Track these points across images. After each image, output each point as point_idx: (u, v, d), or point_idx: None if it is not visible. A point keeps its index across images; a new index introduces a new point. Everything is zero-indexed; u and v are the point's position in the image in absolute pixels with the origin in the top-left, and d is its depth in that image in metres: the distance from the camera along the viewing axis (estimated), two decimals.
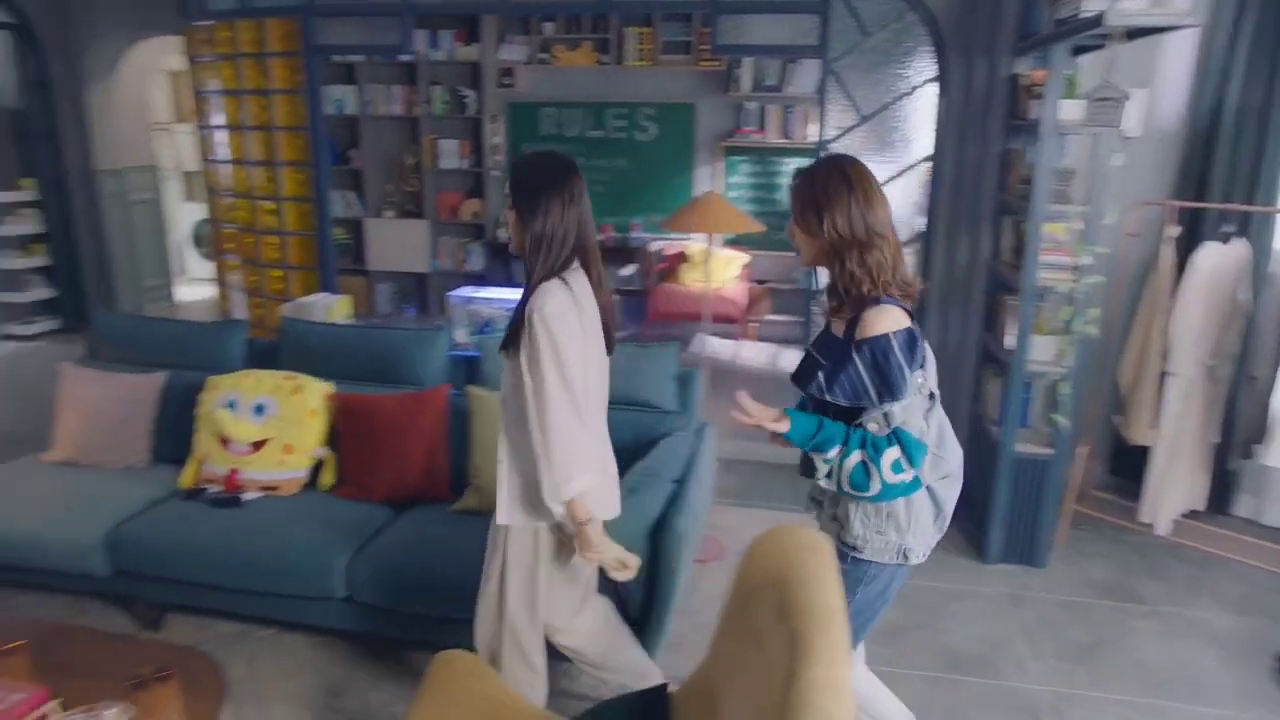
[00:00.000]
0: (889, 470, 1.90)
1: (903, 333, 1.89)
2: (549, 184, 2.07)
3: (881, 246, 1.92)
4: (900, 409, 1.89)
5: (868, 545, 2.02)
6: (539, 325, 2.01)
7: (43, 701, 1.97)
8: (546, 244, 2.07)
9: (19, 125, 7.08)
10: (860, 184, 1.93)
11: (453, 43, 6.87)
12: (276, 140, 5.19)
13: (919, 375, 1.91)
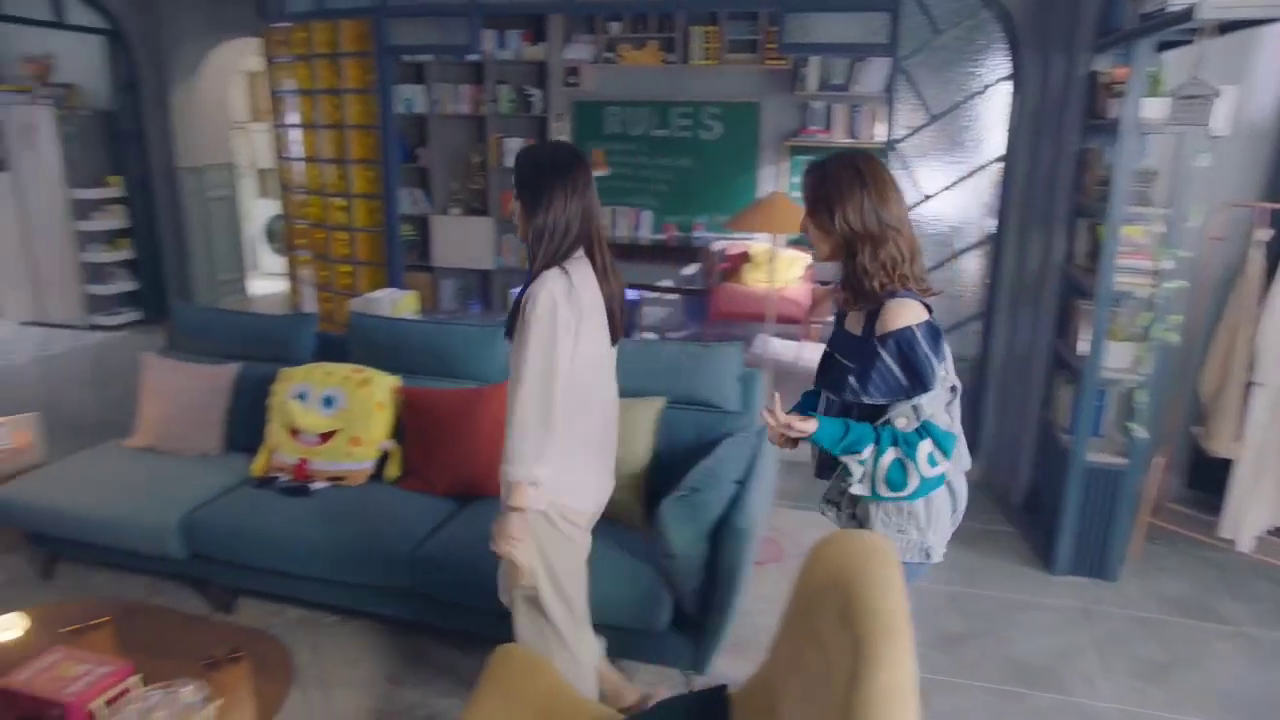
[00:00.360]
0: (925, 464, 1.88)
1: (924, 325, 1.87)
2: (552, 175, 2.10)
3: (895, 240, 1.91)
4: (929, 401, 1.88)
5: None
6: (530, 314, 2.05)
7: (126, 676, 2.04)
8: (549, 234, 2.11)
9: (110, 125, 7.40)
10: (872, 178, 1.91)
11: (519, 42, 6.94)
12: (348, 138, 5.31)
13: (943, 368, 1.90)
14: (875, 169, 1.94)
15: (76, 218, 7.27)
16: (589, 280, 2.15)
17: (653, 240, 7.14)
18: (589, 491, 2.29)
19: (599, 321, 2.19)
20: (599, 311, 2.18)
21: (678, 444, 3.10)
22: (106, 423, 4.70)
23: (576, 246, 2.15)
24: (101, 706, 1.97)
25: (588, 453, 2.26)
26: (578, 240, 2.14)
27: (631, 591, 2.64)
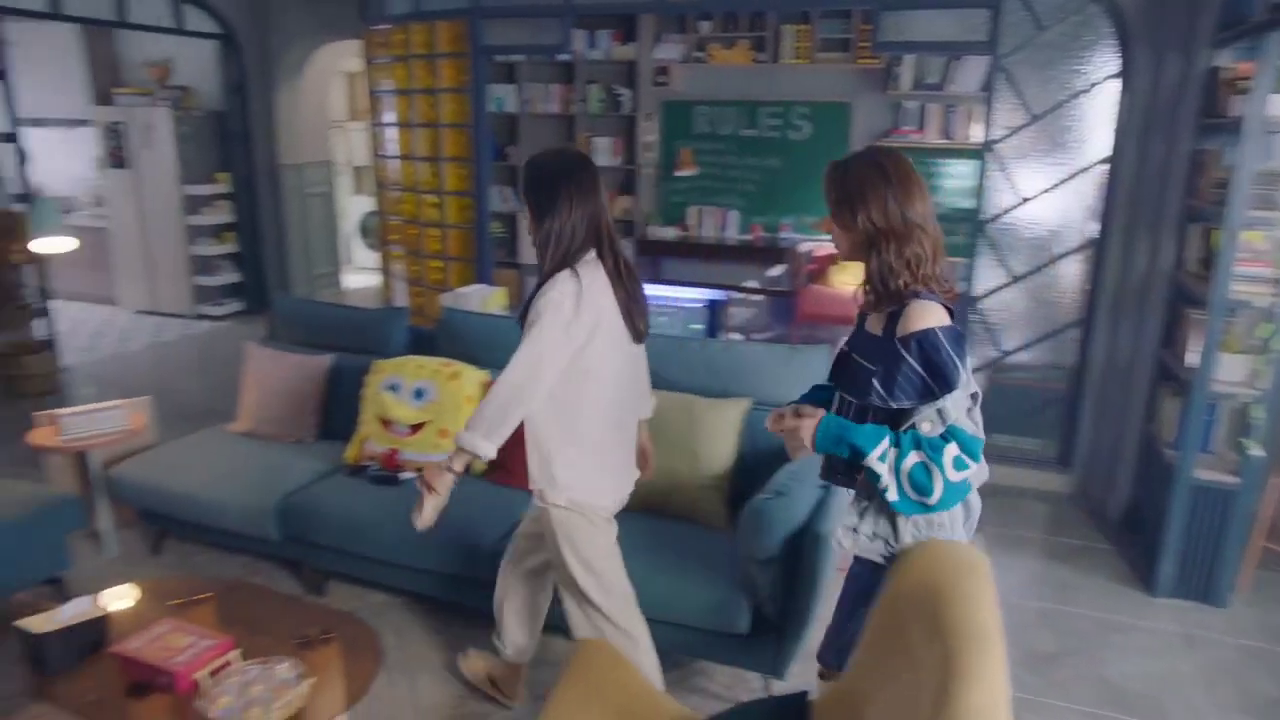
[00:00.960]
0: (951, 468, 1.78)
1: (948, 328, 1.81)
2: (558, 181, 2.14)
3: (920, 239, 1.84)
4: (953, 405, 1.81)
5: None
6: (535, 313, 2.12)
7: (228, 650, 2.14)
8: (556, 238, 2.15)
9: (220, 125, 7.76)
10: (897, 175, 1.85)
11: (610, 42, 6.98)
12: (442, 137, 5.43)
13: (964, 372, 1.82)
14: (899, 166, 1.88)
15: (187, 213, 7.64)
16: (600, 282, 2.18)
17: (739, 241, 7.09)
18: (606, 489, 2.34)
19: (613, 322, 2.22)
20: (611, 311, 2.20)
21: (762, 446, 3.07)
22: (211, 408, 4.93)
23: (586, 249, 2.18)
24: (205, 677, 2.06)
25: (605, 453, 2.31)
26: (586, 243, 2.18)
27: (711, 593, 2.63)
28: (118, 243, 8.00)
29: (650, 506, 3.06)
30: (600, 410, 2.26)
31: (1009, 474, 4.45)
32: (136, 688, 2.11)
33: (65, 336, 6.60)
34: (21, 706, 2.69)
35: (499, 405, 2.14)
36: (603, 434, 2.29)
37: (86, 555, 3.54)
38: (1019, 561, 3.71)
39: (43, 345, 5.94)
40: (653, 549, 2.83)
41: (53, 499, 3.21)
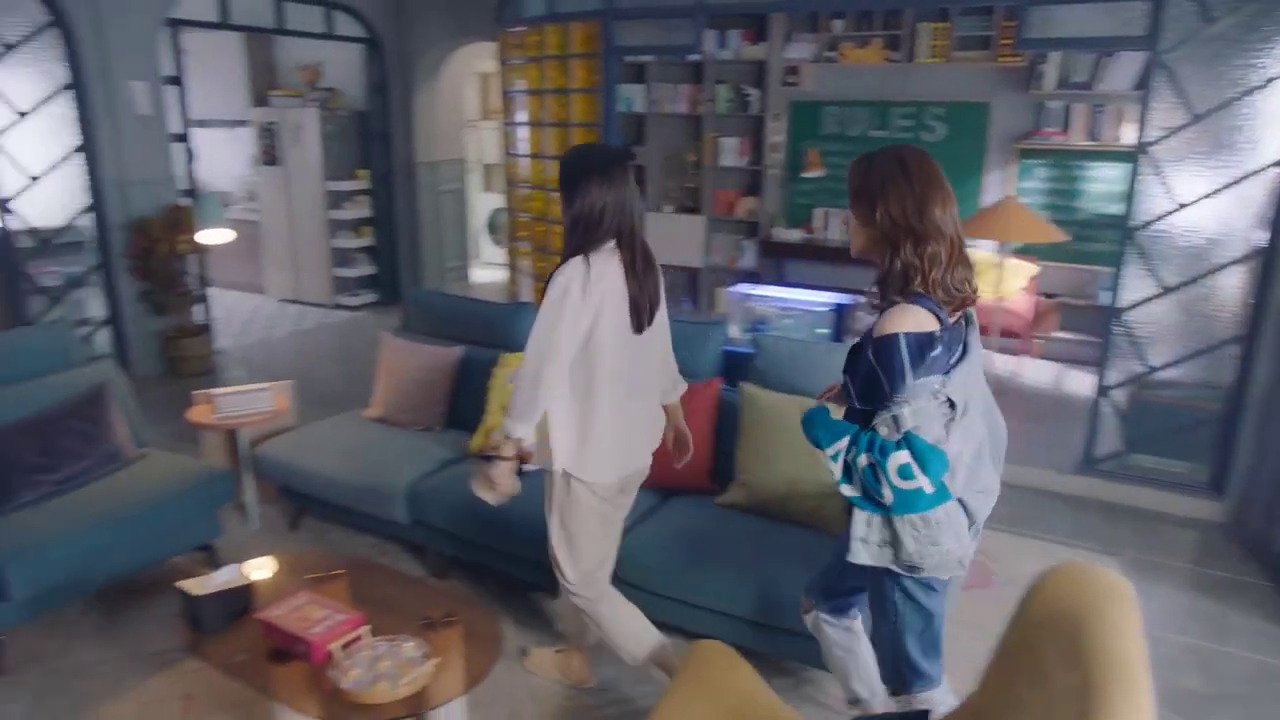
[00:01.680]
0: (895, 475, 1.79)
1: (918, 335, 1.78)
2: (589, 172, 2.26)
3: (937, 240, 1.82)
4: (911, 413, 1.80)
5: (927, 560, 1.88)
6: (546, 295, 2.25)
7: (359, 625, 2.24)
8: (581, 225, 2.27)
9: (362, 124, 8.15)
10: (919, 174, 1.85)
11: (740, 42, 6.95)
12: (572, 136, 5.53)
13: (935, 381, 1.81)
14: (923, 165, 1.87)
15: (330, 207, 8.06)
16: (611, 270, 2.28)
17: None
18: (605, 466, 2.42)
19: (618, 309, 2.31)
20: (618, 299, 2.30)
21: None
22: (346, 394, 5.18)
23: (608, 238, 2.28)
24: (339, 649, 2.17)
25: (607, 431, 2.38)
26: (609, 232, 2.28)
27: None
28: (267, 235, 8.52)
29: (769, 511, 3.03)
30: (604, 391, 2.35)
31: (1152, 497, 4.17)
32: (277, 653, 2.24)
33: (219, 322, 7.09)
34: (180, 659, 2.91)
35: (525, 390, 2.27)
36: (605, 414, 2.37)
37: (233, 526, 3.78)
38: (1162, 591, 3.48)
39: (200, 329, 6.39)
40: (769, 553, 2.81)
41: (208, 473, 3.45)
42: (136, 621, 3.18)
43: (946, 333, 1.81)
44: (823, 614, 2.33)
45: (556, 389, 2.30)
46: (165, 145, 6.13)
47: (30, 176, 5.66)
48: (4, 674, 2.89)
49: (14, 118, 5.56)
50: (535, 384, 2.25)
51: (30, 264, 5.83)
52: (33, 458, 3.10)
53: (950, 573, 1.93)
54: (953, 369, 1.85)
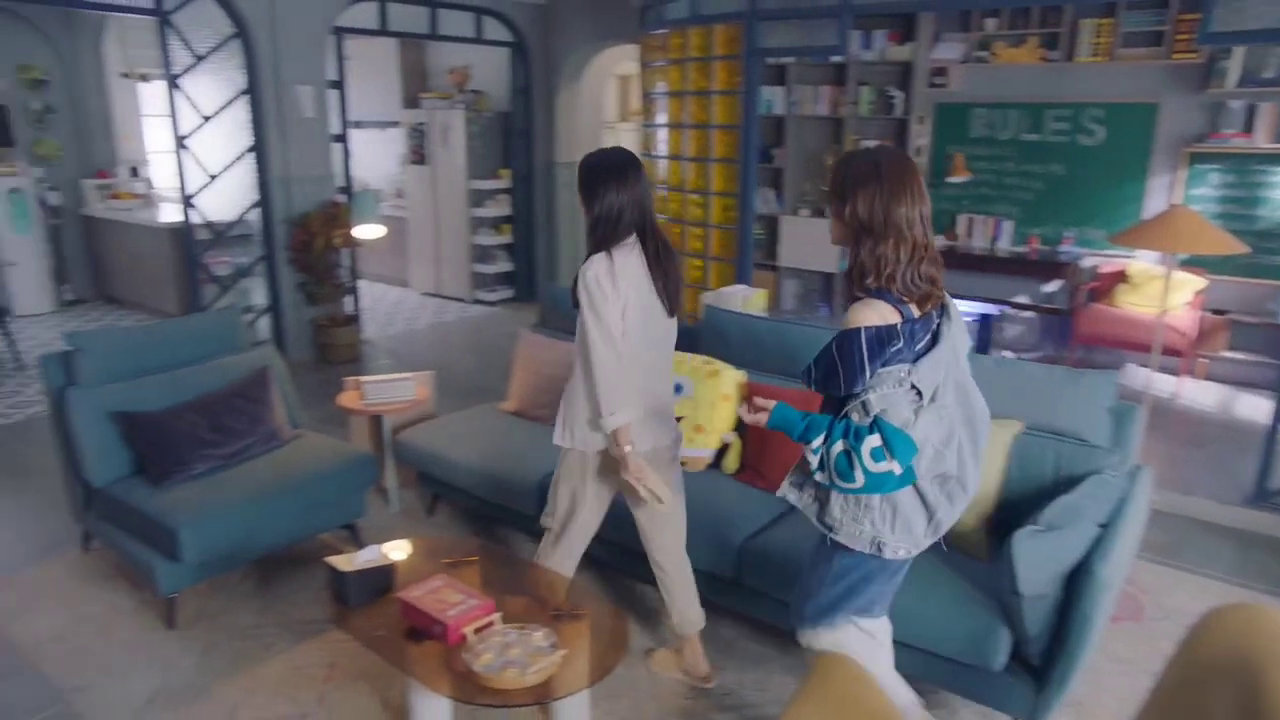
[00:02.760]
0: (869, 458, 1.90)
1: (878, 328, 1.89)
2: (605, 174, 2.45)
3: (897, 241, 1.92)
4: (878, 398, 1.91)
5: (842, 529, 2.07)
6: (581, 289, 2.45)
7: (491, 611, 2.31)
8: (601, 223, 2.45)
9: (505, 125, 8.41)
10: (891, 177, 1.92)
11: (885, 42, 6.77)
12: (712, 138, 5.53)
13: (903, 370, 1.91)
14: (897, 169, 1.95)
15: (472, 205, 8.36)
16: (632, 262, 2.47)
17: (1011, 252, 6.62)
18: (649, 435, 2.60)
19: (642, 298, 2.50)
20: (642, 288, 2.49)
21: (1031, 474, 2.85)
22: (483, 386, 5.37)
23: (627, 233, 2.46)
24: (472, 633, 2.24)
25: (652, 402, 2.60)
26: (629, 228, 2.46)
27: (966, 623, 2.48)
28: (413, 231, 8.93)
29: None
30: (629, 371, 2.52)
31: None
32: (413, 632, 2.34)
33: (367, 312, 7.48)
34: (325, 630, 3.09)
35: (605, 386, 2.45)
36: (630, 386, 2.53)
37: (375, 508, 3.97)
38: None
39: (350, 319, 6.76)
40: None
41: (355, 455, 3.64)
42: (287, 591, 3.40)
43: (909, 325, 1.92)
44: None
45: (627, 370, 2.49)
46: (326, 145, 6.52)
47: (209, 175, 6.14)
48: (175, 628, 3.15)
49: (198, 121, 6.04)
50: (611, 373, 2.45)
51: (206, 255, 6.32)
52: (205, 434, 3.36)
53: (862, 548, 2.08)
54: (920, 358, 1.94)
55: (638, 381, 2.55)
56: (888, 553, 2.07)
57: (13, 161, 7.67)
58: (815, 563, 2.21)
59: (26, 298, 7.89)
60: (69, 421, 3.28)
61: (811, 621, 2.23)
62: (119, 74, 8.56)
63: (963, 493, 2.08)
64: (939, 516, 2.06)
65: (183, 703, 2.77)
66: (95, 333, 3.52)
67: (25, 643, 3.07)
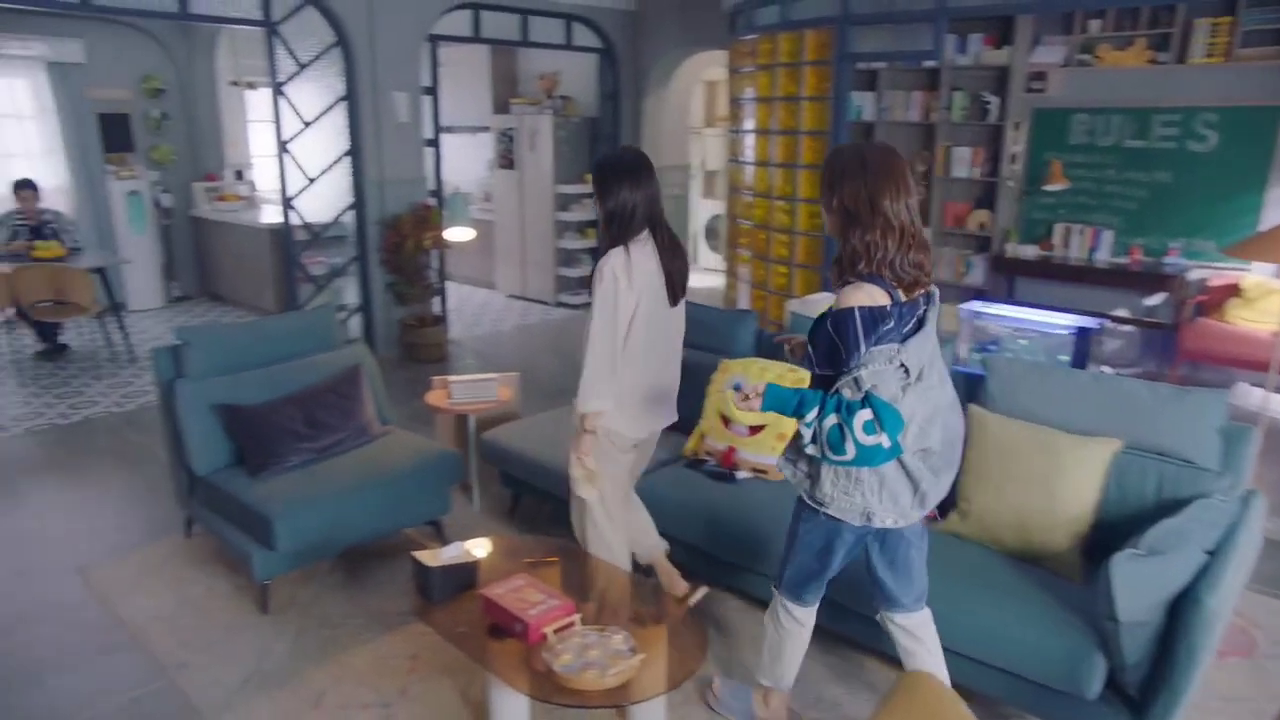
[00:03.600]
0: (861, 431, 1.97)
1: (870, 308, 2.00)
2: (619, 173, 2.60)
3: (885, 230, 2.02)
4: (869, 375, 2.00)
5: (834, 503, 2.20)
6: (598, 282, 2.59)
7: (571, 612, 2.33)
8: (616, 219, 2.61)
9: (592, 130, 8.50)
10: (876, 169, 2.04)
11: (980, 46, 6.59)
12: (800, 144, 5.48)
13: (892, 348, 2.01)
14: (882, 161, 2.06)
15: (558, 209, 8.47)
16: (648, 256, 2.64)
17: (1110, 263, 6.35)
18: (640, 422, 2.82)
19: (654, 288, 2.67)
20: (655, 280, 2.67)
21: (1131, 495, 2.73)
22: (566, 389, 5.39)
23: (641, 228, 2.62)
24: (552, 632, 2.26)
25: (637, 394, 2.76)
26: (641, 224, 2.62)
27: (1056, 646, 2.39)
28: (500, 234, 9.09)
29: (993, 542, 2.85)
30: (639, 360, 2.71)
31: None
32: (495, 629, 2.37)
33: (454, 313, 7.65)
34: (409, 623, 3.17)
35: (592, 375, 2.63)
36: (637, 379, 2.73)
37: (459, 505, 4.05)
38: None
39: (437, 319, 6.92)
40: (990, 587, 2.64)
41: (442, 454, 3.72)
42: (373, 583, 3.50)
43: (898, 308, 2.03)
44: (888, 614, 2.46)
45: (614, 364, 2.66)
46: (418, 150, 6.70)
47: (308, 178, 6.38)
48: (268, 614, 3.27)
49: (300, 126, 6.28)
50: (601, 363, 2.62)
51: (303, 255, 6.57)
52: (300, 427, 3.49)
53: (852, 521, 2.20)
54: (908, 339, 2.05)
55: (651, 373, 2.77)
56: (876, 522, 2.20)
57: (132, 166, 8.13)
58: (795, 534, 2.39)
59: (139, 293, 8.33)
60: (176, 412, 3.44)
61: (791, 595, 2.45)
62: (228, 82, 8.97)
63: (948, 470, 2.22)
64: (924, 488, 2.18)
65: (274, 686, 2.87)
66: (202, 328, 3.70)
67: (133, 620, 3.24)
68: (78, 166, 7.99)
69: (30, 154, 7.89)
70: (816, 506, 2.24)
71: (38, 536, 3.92)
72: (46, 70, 7.73)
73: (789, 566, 2.42)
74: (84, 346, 6.99)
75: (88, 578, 3.54)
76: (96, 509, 4.20)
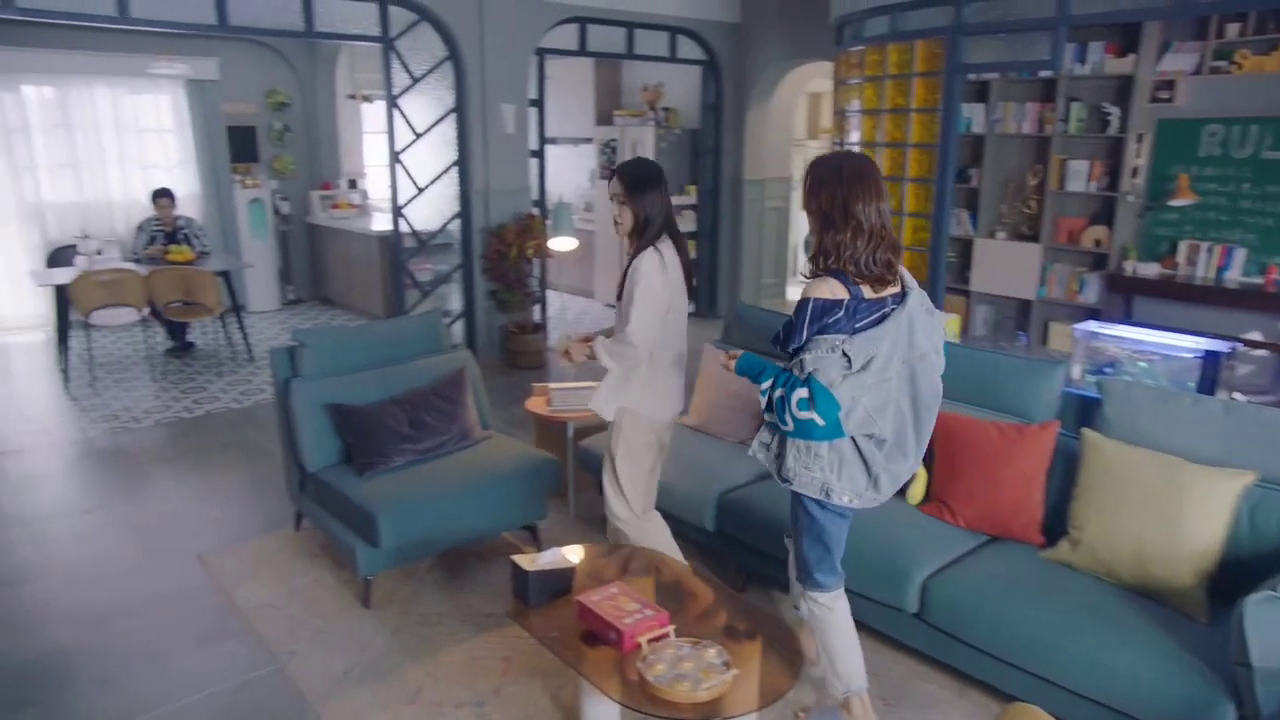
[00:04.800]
0: (795, 405, 2.24)
1: (825, 301, 2.25)
2: (652, 182, 2.91)
3: (855, 232, 2.25)
4: (811, 359, 2.24)
5: (796, 478, 2.40)
6: (640, 278, 2.87)
7: (665, 623, 2.32)
8: (649, 224, 2.90)
9: (694, 142, 8.52)
10: (850, 177, 2.27)
11: (1102, 55, 6.30)
12: (906, 157, 5.36)
13: (838, 339, 2.22)
14: (855, 168, 2.30)
15: None
16: (673, 256, 2.95)
17: (1241, 283, 5.97)
18: (665, 406, 3.06)
19: (679, 285, 2.99)
20: (679, 277, 2.99)
21: (1266, 532, 2.56)
22: None
23: (662, 233, 2.93)
24: (645, 642, 2.26)
25: (666, 379, 3.03)
26: (662, 228, 2.92)
27: (1179, 689, 2.26)
28: (600, 244, 9.19)
29: (1107, 574, 2.71)
30: (669, 350, 3.01)
31: None
32: (589, 635, 2.39)
33: (553, 321, 7.76)
34: (504, 624, 3.23)
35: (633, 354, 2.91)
36: (666, 366, 3.02)
37: (555, 511, 4.10)
38: None
39: (537, 327, 7.04)
40: (1106, 619, 2.51)
41: (540, 460, 3.77)
42: (470, 584, 3.57)
43: (854, 302, 2.25)
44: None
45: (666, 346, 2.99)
46: (524, 161, 6.85)
47: (418, 187, 6.60)
48: (370, 608, 3.38)
49: (410, 137, 6.51)
50: (650, 342, 2.91)
51: (410, 261, 6.79)
52: (405, 429, 3.60)
53: (812, 494, 2.41)
54: (857, 332, 2.23)
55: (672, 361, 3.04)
56: (834, 498, 2.39)
57: (256, 175, 8.60)
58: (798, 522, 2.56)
59: (257, 296, 8.78)
60: (291, 410, 3.60)
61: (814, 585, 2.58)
62: (346, 96, 9.38)
63: (902, 459, 2.40)
64: (876, 472, 2.38)
65: (374, 678, 2.96)
66: (316, 330, 3.86)
67: (246, 606, 3.40)
68: (207, 176, 8.49)
69: (169, 164, 8.44)
70: (783, 483, 2.45)
71: (164, 522, 4.17)
72: (185, 87, 8.26)
73: (800, 559, 2.60)
74: (208, 345, 7.41)
75: (206, 564, 3.74)
76: (215, 499, 4.43)
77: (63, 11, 4.84)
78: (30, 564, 3.76)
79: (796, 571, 2.65)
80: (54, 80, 7.77)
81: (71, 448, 5.17)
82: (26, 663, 3.06)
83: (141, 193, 7.99)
